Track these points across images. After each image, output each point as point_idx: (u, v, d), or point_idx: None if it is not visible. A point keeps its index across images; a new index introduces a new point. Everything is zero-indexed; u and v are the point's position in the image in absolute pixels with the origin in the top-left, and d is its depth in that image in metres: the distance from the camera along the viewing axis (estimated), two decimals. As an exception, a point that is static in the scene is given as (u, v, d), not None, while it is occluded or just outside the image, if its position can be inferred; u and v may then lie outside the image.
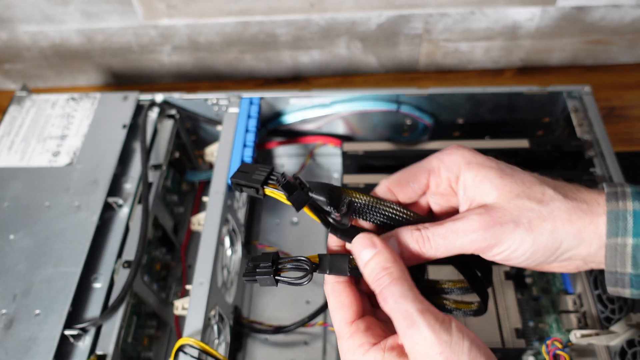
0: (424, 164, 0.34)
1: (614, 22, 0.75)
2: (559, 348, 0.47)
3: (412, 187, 0.34)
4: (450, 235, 0.31)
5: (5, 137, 0.59)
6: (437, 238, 0.32)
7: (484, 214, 0.31)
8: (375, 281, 0.30)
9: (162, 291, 0.59)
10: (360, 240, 0.32)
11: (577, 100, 0.61)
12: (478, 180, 0.32)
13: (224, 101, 0.62)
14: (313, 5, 0.72)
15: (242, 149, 0.57)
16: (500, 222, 0.31)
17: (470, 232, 0.31)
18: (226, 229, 0.56)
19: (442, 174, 0.34)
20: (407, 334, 0.28)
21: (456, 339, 0.27)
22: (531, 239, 0.30)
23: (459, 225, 0.31)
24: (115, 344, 0.46)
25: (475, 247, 0.31)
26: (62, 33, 0.77)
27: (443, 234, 0.32)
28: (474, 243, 0.31)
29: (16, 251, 0.50)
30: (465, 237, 0.31)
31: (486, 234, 0.31)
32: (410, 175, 0.34)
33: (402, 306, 0.28)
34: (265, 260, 0.33)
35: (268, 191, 0.32)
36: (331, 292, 0.33)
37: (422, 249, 0.32)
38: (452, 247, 0.31)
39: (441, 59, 0.81)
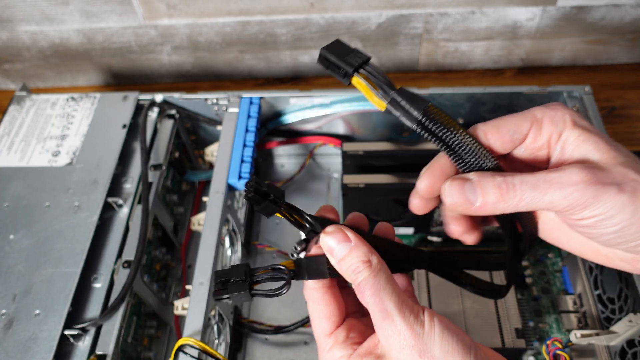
0: (527, 114, 0.30)
1: (614, 21, 0.75)
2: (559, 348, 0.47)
3: (511, 136, 0.30)
4: (542, 185, 0.27)
5: (5, 137, 0.59)
6: (524, 187, 0.28)
7: (585, 169, 0.27)
8: (353, 274, 0.29)
9: (162, 291, 0.59)
10: (331, 235, 0.30)
11: (577, 100, 0.60)
12: (581, 140, 0.29)
13: (224, 101, 0.62)
14: (313, 5, 0.72)
15: (242, 148, 0.57)
16: (603, 182, 0.27)
17: (568, 184, 0.27)
18: (226, 229, 0.56)
19: (545, 127, 0.30)
20: (382, 326, 0.28)
21: (428, 328, 0.28)
22: (631, 210, 0.27)
23: (554, 176, 0.27)
24: (115, 344, 0.45)
25: (567, 204, 0.27)
26: (62, 33, 0.77)
27: (533, 182, 0.28)
28: (567, 198, 0.27)
29: (16, 251, 0.50)
30: (559, 190, 0.27)
31: (585, 190, 0.27)
32: (511, 123, 0.30)
33: (378, 299, 0.28)
34: (236, 274, 0.30)
35: (356, 80, 0.29)
36: (310, 299, 0.32)
37: (503, 198, 0.28)
38: (539, 201, 0.28)
39: (441, 58, 0.81)
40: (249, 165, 0.55)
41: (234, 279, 0.30)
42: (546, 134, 0.30)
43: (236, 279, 0.30)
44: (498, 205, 0.28)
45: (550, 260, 0.61)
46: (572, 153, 0.29)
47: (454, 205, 0.29)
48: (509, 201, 0.28)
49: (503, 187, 0.28)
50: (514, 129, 0.30)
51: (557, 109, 0.30)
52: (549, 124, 0.30)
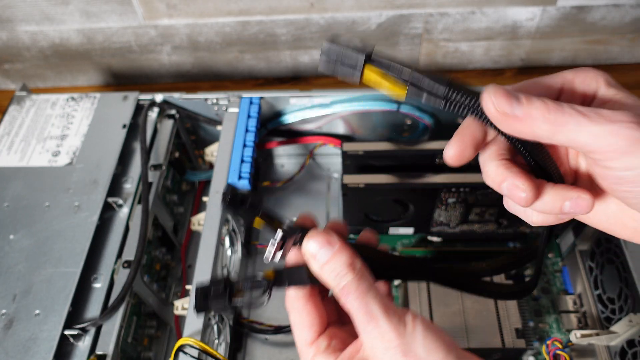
0: (555, 76, 0.29)
1: (615, 21, 0.75)
2: (559, 348, 0.47)
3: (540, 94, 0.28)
4: (591, 114, 0.25)
5: (5, 137, 0.59)
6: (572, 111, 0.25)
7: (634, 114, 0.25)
8: (336, 278, 0.29)
9: (162, 291, 0.59)
10: (314, 239, 0.30)
11: (577, 100, 0.60)
12: (620, 96, 0.27)
13: (224, 101, 0.62)
14: (313, 5, 0.72)
15: (242, 148, 0.57)
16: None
17: (619, 121, 0.24)
18: (226, 229, 0.56)
19: (577, 87, 0.28)
20: (366, 329, 0.28)
21: (410, 329, 0.28)
22: None
23: (605, 111, 0.25)
24: (115, 344, 0.45)
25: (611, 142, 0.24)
26: (62, 33, 0.77)
27: (583, 110, 0.25)
28: (613, 135, 0.24)
29: (16, 251, 0.50)
30: (608, 124, 0.24)
31: (634, 132, 0.24)
32: (538, 84, 0.29)
33: (362, 302, 0.28)
34: (216, 286, 0.30)
35: (368, 71, 0.27)
36: (291, 308, 0.31)
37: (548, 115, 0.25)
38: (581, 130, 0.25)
39: (441, 58, 0.81)
40: (249, 165, 0.55)
41: (214, 292, 0.30)
42: (579, 96, 0.28)
43: (217, 290, 0.30)
44: (538, 123, 0.25)
45: (550, 260, 0.61)
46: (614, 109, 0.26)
47: (494, 110, 0.26)
48: (550, 121, 0.25)
49: (550, 105, 0.25)
50: (541, 90, 0.29)
51: (589, 70, 0.29)
52: (581, 84, 0.28)
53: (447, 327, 0.51)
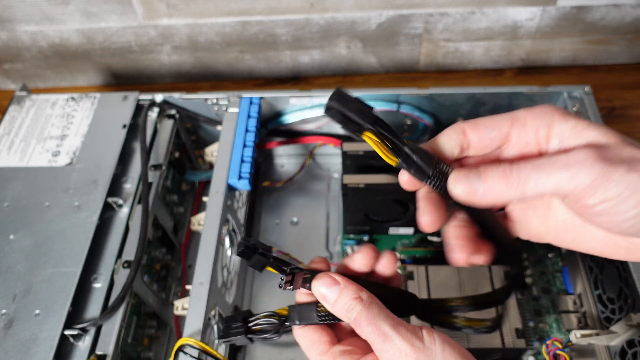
0: (508, 114, 0.29)
1: (615, 21, 0.75)
2: (559, 348, 0.47)
3: (489, 133, 0.29)
4: (546, 166, 0.26)
5: (5, 137, 0.59)
6: (528, 169, 0.26)
7: (592, 148, 0.26)
8: (348, 312, 0.30)
9: (162, 291, 0.59)
10: (320, 281, 0.32)
11: (577, 100, 0.60)
12: (580, 128, 0.27)
13: (224, 101, 0.62)
14: (313, 5, 0.72)
15: (242, 149, 0.57)
16: (612, 161, 0.25)
17: (575, 163, 0.25)
18: (226, 229, 0.56)
19: (529, 123, 0.29)
20: (383, 348, 0.29)
21: (428, 343, 0.28)
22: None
23: (559, 157, 0.26)
24: (115, 344, 0.45)
25: (575, 185, 0.25)
26: (62, 33, 0.77)
27: (538, 164, 0.26)
28: (574, 178, 0.25)
29: (16, 251, 0.50)
30: (565, 169, 0.25)
31: (593, 168, 0.25)
32: (490, 121, 0.29)
33: (374, 326, 0.29)
34: (236, 320, 0.34)
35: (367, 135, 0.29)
36: (300, 336, 0.33)
37: (507, 182, 0.27)
38: (544, 183, 0.26)
39: (441, 58, 0.81)
40: (249, 165, 0.55)
41: (234, 324, 0.33)
42: (531, 130, 0.29)
43: (236, 324, 0.33)
44: (503, 191, 0.27)
45: (550, 260, 0.61)
46: (574, 142, 0.27)
47: (460, 194, 0.28)
48: (513, 186, 0.27)
49: (507, 171, 0.27)
50: (492, 127, 0.30)
51: (543, 106, 0.29)
52: (533, 120, 0.29)
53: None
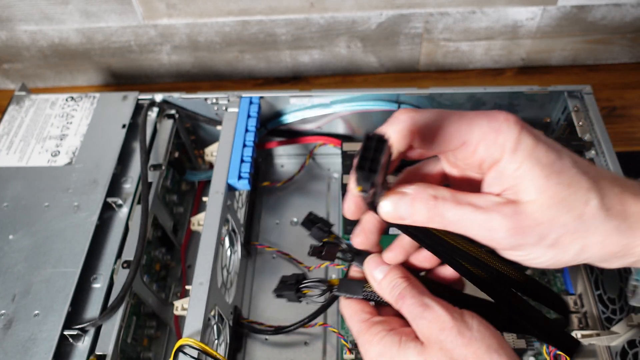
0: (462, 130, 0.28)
1: (615, 21, 0.75)
2: (559, 348, 0.47)
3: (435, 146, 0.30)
4: (465, 221, 0.28)
5: (4, 137, 0.59)
6: (449, 215, 0.28)
7: (509, 218, 0.27)
8: (393, 289, 0.32)
9: (162, 291, 0.59)
10: (371, 261, 0.34)
11: (578, 100, 0.60)
12: (519, 173, 0.28)
13: (224, 101, 0.62)
14: (313, 4, 0.72)
15: (242, 148, 0.56)
16: (525, 231, 0.27)
17: (488, 230, 0.28)
18: (226, 229, 0.56)
19: (479, 152, 0.28)
20: (422, 316, 0.30)
21: (466, 317, 0.29)
22: (552, 255, 0.28)
23: (478, 218, 0.28)
24: (114, 344, 0.45)
25: (488, 243, 0.29)
26: (62, 33, 0.77)
27: (459, 216, 0.28)
28: (487, 240, 0.28)
29: (15, 251, 0.50)
30: (481, 231, 0.28)
31: (504, 240, 0.28)
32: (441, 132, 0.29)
33: (417, 299, 0.30)
34: (290, 280, 0.39)
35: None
36: (344, 306, 0.35)
37: (431, 218, 0.29)
38: (462, 232, 0.29)
39: (441, 58, 0.81)
40: (248, 165, 0.55)
41: (289, 283, 0.38)
42: (477, 160, 0.29)
43: (290, 282, 0.38)
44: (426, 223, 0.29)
45: (550, 261, 0.60)
46: (509, 186, 0.28)
47: (390, 219, 0.30)
48: (436, 221, 0.29)
49: (431, 206, 0.29)
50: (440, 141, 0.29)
51: (501, 131, 0.28)
52: (484, 150, 0.28)
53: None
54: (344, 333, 0.57)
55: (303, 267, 0.62)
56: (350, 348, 0.55)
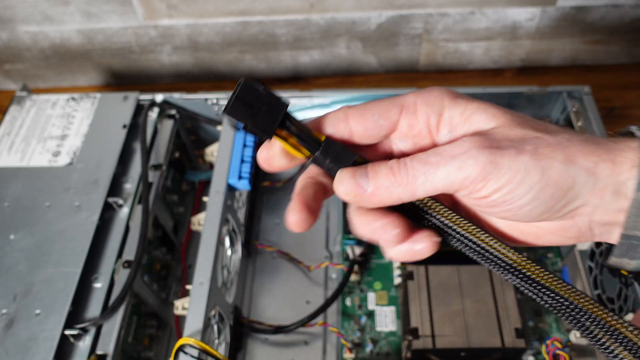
0: (397, 99, 0.27)
1: (614, 22, 0.75)
2: (558, 348, 0.47)
3: (375, 121, 0.27)
4: (432, 158, 0.24)
5: (5, 137, 0.60)
6: (415, 163, 0.25)
7: (477, 135, 0.25)
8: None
9: (162, 291, 0.59)
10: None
11: (577, 101, 0.61)
12: (469, 112, 0.26)
13: (224, 101, 0.62)
14: (313, 5, 0.72)
15: (242, 149, 0.57)
16: (499, 145, 0.24)
17: (460, 154, 0.24)
18: (226, 229, 0.56)
19: (420, 109, 0.27)
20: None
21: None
22: (540, 170, 0.24)
23: (444, 148, 0.25)
24: (115, 343, 0.46)
25: (464, 176, 0.24)
26: (63, 33, 0.77)
27: (424, 158, 0.25)
28: (462, 169, 0.24)
29: (16, 251, 0.50)
30: (451, 160, 0.24)
31: (479, 156, 0.24)
32: (377, 108, 0.27)
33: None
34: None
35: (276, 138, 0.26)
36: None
37: (396, 179, 0.25)
38: (433, 178, 0.24)
39: (441, 59, 0.81)
40: (249, 165, 0.55)
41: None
42: (422, 117, 0.27)
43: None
44: (392, 189, 0.25)
45: (549, 260, 0.61)
46: (463, 129, 0.26)
47: (346, 194, 0.26)
48: (402, 184, 0.25)
49: (395, 167, 0.25)
50: (379, 114, 0.27)
51: (432, 89, 0.27)
52: (424, 106, 0.26)
53: (447, 327, 0.51)
54: (343, 332, 0.57)
55: (303, 266, 0.62)
56: (350, 347, 0.55)
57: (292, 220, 0.27)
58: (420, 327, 0.51)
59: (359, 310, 0.59)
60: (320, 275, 0.62)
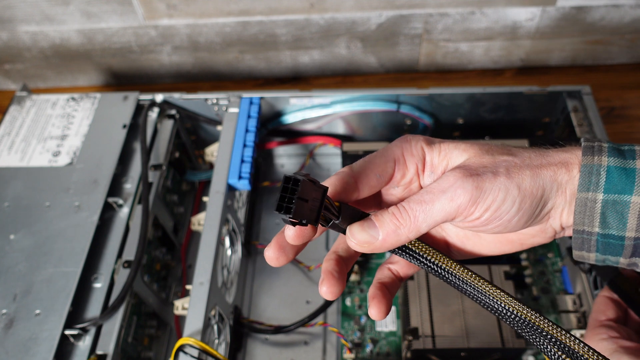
0: (387, 154, 0.31)
1: (614, 22, 0.75)
2: (558, 348, 0.47)
3: (378, 179, 0.31)
4: (426, 197, 0.29)
5: (5, 137, 0.60)
6: (413, 205, 0.29)
7: (457, 169, 0.29)
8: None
9: (162, 291, 0.59)
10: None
11: (577, 100, 0.61)
12: (444, 153, 0.31)
13: (224, 101, 0.62)
14: (313, 5, 0.72)
15: (242, 149, 0.57)
16: (478, 172, 0.29)
17: (448, 187, 0.28)
18: (226, 229, 0.56)
19: (408, 160, 0.31)
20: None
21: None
22: (516, 186, 0.28)
23: (433, 186, 0.29)
24: (115, 343, 0.46)
25: (457, 205, 0.28)
26: (63, 33, 0.77)
27: (418, 198, 0.29)
28: (454, 199, 0.28)
29: (16, 251, 0.50)
30: (443, 194, 0.28)
31: (465, 185, 0.28)
32: (377, 167, 0.31)
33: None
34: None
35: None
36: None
37: (400, 223, 0.29)
38: (431, 213, 0.28)
39: (441, 59, 0.81)
40: (249, 165, 0.55)
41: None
42: (412, 167, 0.31)
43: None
44: (399, 231, 0.29)
45: (549, 260, 0.61)
46: (442, 167, 0.31)
47: (361, 245, 0.29)
48: (406, 224, 0.29)
49: (396, 212, 0.29)
50: (380, 173, 0.31)
51: (409, 139, 0.31)
52: (410, 157, 0.31)
53: (447, 327, 0.51)
54: (343, 332, 0.57)
55: (303, 266, 0.62)
56: (350, 347, 0.55)
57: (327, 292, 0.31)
58: (420, 327, 0.51)
59: (359, 310, 0.59)
60: (320, 275, 0.62)
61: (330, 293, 0.31)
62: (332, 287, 0.31)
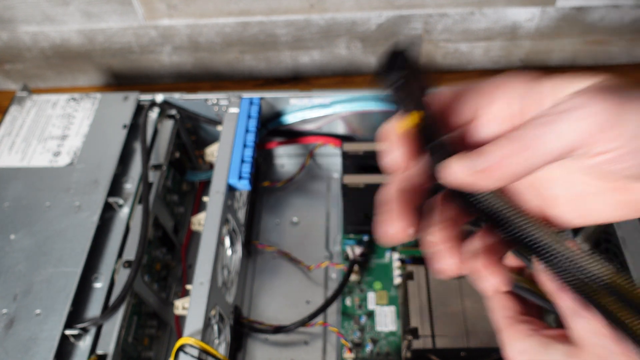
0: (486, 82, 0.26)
1: (614, 22, 0.75)
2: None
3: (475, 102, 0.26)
4: (543, 119, 0.22)
5: (5, 137, 0.60)
6: (524, 130, 0.22)
7: (593, 84, 0.22)
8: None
9: (163, 291, 0.59)
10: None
11: (576, 101, 0.61)
12: (567, 80, 0.23)
13: (224, 101, 0.62)
14: (313, 5, 0.73)
15: (242, 149, 0.57)
16: (618, 89, 0.21)
17: (576, 105, 0.21)
18: (226, 229, 0.56)
19: (515, 86, 0.25)
20: (581, 313, 0.24)
21: None
22: None
23: (553, 108, 0.22)
24: (115, 343, 0.46)
25: (588, 125, 0.21)
26: (63, 33, 0.77)
27: (533, 122, 0.22)
28: (586, 118, 0.21)
29: (16, 251, 0.50)
30: (568, 114, 0.21)
31: (600, 101, 0.21)
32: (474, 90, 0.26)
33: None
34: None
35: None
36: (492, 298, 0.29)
37: (516, 150, 0.23)
38: (556, 135, 0.22)
39: (441, 59, 0.81)
40: (249, 165, 0.55)
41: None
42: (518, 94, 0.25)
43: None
44: (515, 158, 0.23)
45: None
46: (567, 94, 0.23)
47: (460, 175, 0.24)
48: (522, 152, 0.22)
49: (504, 139, 0.23)
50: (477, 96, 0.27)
51: (511, 75, 0.26)
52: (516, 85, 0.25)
53: (447, 327, 0.51)
54: (343, 332, 0.57)
55: (303, 266, 0.62)
56: (350, 347, 0.55)
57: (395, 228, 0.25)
58: (420, 327, 0.51)
59: (359, 310, 0.59)
60: (320, 275, 0.62)
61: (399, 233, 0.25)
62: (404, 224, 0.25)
